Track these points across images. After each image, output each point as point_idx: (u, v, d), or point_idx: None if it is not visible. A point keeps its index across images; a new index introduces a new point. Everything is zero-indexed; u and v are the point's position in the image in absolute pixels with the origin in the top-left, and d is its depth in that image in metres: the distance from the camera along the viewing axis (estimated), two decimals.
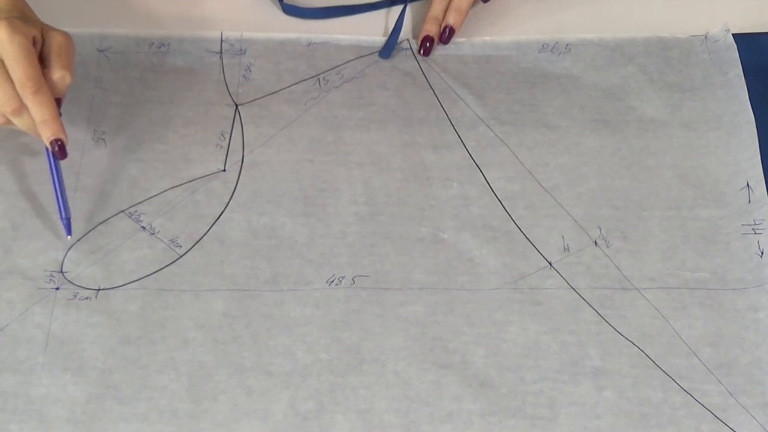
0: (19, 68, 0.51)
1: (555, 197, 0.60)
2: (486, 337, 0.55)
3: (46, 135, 0.53)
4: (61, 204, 0.56)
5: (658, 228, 0.59)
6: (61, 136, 0.53)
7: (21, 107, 0.52)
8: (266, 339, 0.55)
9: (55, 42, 0.54)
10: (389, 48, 0.65)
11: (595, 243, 0.58)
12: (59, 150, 0.54)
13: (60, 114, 0.53)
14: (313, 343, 0.54)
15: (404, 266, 0.57)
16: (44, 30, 0.54)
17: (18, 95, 0.51)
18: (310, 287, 0.56)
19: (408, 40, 0.66)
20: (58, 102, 0.54)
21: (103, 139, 0.61)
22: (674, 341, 0.55)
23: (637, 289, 0.57)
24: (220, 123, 0.62)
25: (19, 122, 0.53)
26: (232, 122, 0.62)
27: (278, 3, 0.67)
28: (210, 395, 0.53)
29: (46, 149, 0.54)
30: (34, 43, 0.52)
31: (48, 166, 0.55)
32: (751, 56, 0.65)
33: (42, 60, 0.53)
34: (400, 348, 0.55)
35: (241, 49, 0.64)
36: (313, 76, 0.64)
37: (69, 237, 0.56)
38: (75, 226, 0.57)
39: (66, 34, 0.55)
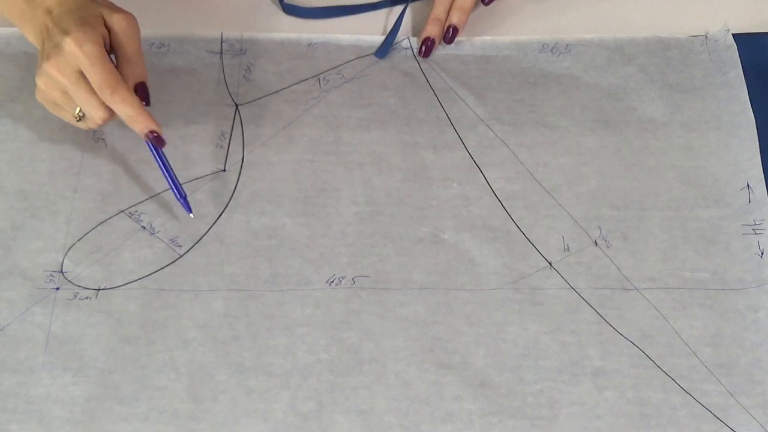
0: (94, 75, 0.52)
1: (555, 197, 0.60)
2: (486, 337, 0.55)
3: (138, 129, 0.54)
4: (173, 186, 0.57)
5: (658, 228, 0.59)
6: (152, 127, 0.54)
7: (111, 113, 0.53)
8: (266, 339, 0.55)
9: (119, 29, 0.54)
10: (386, 48, 0.65)
11: (595, 243, 0.58)
12: (156, 139, 0.55)
13: (148, 101, 0.55)
14: (313, 343, 0.54)
15: (404, 266, 0.57)
16: (106, 19, 0.54)
17: (104, 104, 0.53)
18: (310, 287, 0.56)
19: (408, 38, 0.66)
20: (141, 90, 0.55)
21: (103, 139, 0.61)
22: (674, 341, 0.55)
23: (637, 289, 0.57)
24: (220, 123, 0.62)
25: (118, 119, 0.55)
26: (232, 122, 0.62)
27: (278, 3, 0.67)
28: (210, 395, 0.53)
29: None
30: (103, 39, 0.53)
31: (152, 155, 0.57)
32: (751, 56, 0.65)
33: (111, 49, 0.54)
34: (400, 348, 0.55)
35: (241, 49, 0.64)
36: (313, 76, 0.64)
37: (191, 215, 0.57)
38: (75, 225, 0.57)
39: (127, 16, 0.55)
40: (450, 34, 0.64)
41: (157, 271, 0.56)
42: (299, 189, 0.60)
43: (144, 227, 0.58)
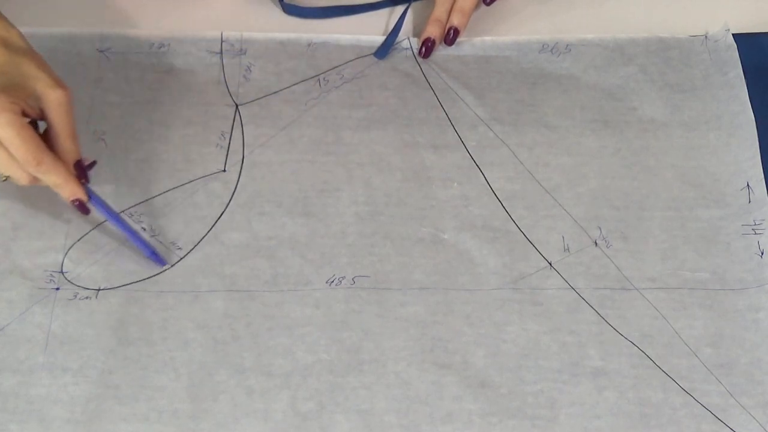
0: (12, 146, 0.49)
1: (555, 197, 0.60)
2: (486, 338, 0.55)
3: (64, 197, 0.53)
4: (138, 243, 0.56)
5: (658, 228, 0.59)
6: (78, 196, 0.53)
7: (34, 179, 0.51)
8: (266, 339, 0.55)
9: (54, 105, 0.51)
10: (385, 48, 0.65)
11: (595, 243, 0.58)
12: (80, 207, 0.54)
13: (87, 178, 0.54)
14: (313, 344, 0.54)
15: (404, 266, 0.57)
16: (38, 90, 0.51)
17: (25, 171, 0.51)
18: (310, 287, 0.56)
19: (408, 38, 0.66)
20: (79, 169, 0.53)
21: (103, 139, 0.61)
22: (674, 341, 0.55)
23: (637, 289, 0.57)
24: (220, 123, 0.62)
25: (44, 184, 0.53)
26: (232, 122, 0.62)
27: (278, 3, 0.67)
28: (210, 395, 0.53)
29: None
30: (24, 113, 0.49)
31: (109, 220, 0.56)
32: (751, 56, 0.65)
33: (44, 119, 0.52)
34: (400, 348, 0.55)
35: (241, 50, 0.64)
36: (314, 76, 0.64)
37: (167, 265, 0.56)
38: (75, 226, 0.57)
39: (62, 90, 0.51)
40: (451, 36, 0.64)
41: (158, 273, 0.56)
42: (299, 189, 0.60)
43: (144, 228, 0.58)
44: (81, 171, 0.53)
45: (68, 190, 0.52)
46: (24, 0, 0.65)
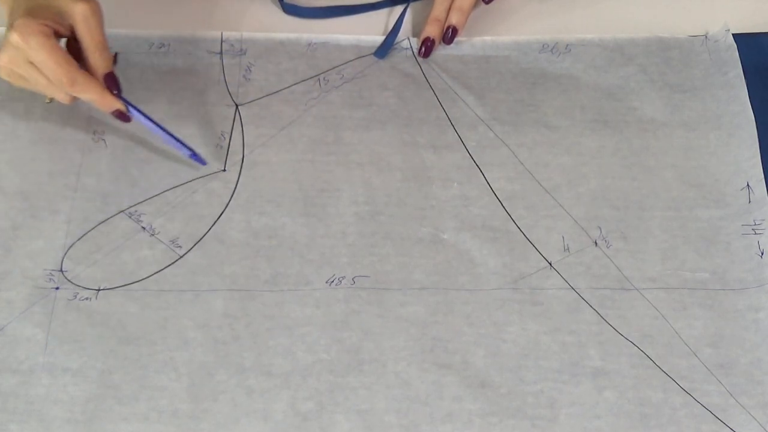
0: (46, 69, 0.51)
1: (555, 197, 0.60)
2: (486, 338, 0.55)
3: (104, 110, 0.55)
4: (178, 145, 0.58)
5: (658, 228, 0.59)
6: (116, 107, 0.55)
7: (74, 97, 0.54)
8: (266, 339, 0.55)
9: (79, 19, 0.52)
10: (385, 48, 0.65)
11: (595, 243, 0.58)
12: (121, 117, 0.56)
13: (120, 90, 0.55)
14: (313, 344, 0.55)
15: (404, 266, 0.57)
16: (62, 6, 0.52)
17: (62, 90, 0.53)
18: (310, 287, 0.56)
19: (408, 38, 0.66)
20: (110, 80, 0.54)
21: (103, 139, 0.61)
22: (674, 341, 0.55)
23: (637, 289, 0.57)
24: (220, 123, 0.62)
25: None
26: (232, 122, 0.62)
27: (278, 3, 0.67)
28: (210, 395, 0.53)
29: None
30: (56, 32, 0.51)
31: (147, 127, 0.58)
32: (751, 56, 0.65)
33: (75, 37, 0.53)
34: (400, 348, 0.55)
35: (241, 50, 0.64)
36: (313, 76, 0.64)
37: (206, 164, 0.60)
38: (75, 225, 0.57)
39: (84, 3, 0.52)
40: (449, 35, 0.64)
41: (158, 272, 0.56)
42: (299, 189, 0.60)
43: (144, 228, 0.58)
44: (112, 82, 0.54)
45: (105, 104, 0.54)
46: None
